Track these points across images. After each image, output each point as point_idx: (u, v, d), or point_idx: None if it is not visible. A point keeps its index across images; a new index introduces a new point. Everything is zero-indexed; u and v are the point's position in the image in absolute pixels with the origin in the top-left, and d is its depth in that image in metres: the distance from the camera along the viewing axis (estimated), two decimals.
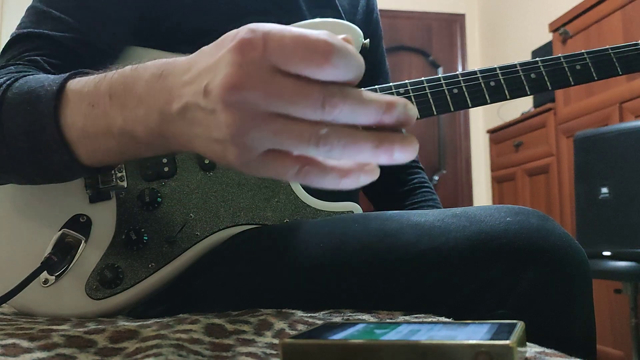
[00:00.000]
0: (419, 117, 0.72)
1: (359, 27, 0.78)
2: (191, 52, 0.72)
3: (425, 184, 0.96)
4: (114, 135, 0.46)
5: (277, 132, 0.34)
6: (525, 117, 3.04)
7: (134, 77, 0.44)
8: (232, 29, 0.82)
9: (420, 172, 0.98)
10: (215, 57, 0.36)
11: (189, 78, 0.38)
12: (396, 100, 0.34)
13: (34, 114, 0.51)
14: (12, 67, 0.60)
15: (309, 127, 0.33)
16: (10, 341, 0.41)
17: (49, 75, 0.55)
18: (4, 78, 0.56)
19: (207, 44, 0.73)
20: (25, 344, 0.41)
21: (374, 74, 0.94)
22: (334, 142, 0.33)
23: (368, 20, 0.93)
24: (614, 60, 0.74)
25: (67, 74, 0.52)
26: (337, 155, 0.34)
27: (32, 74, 0.57)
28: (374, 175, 0.36)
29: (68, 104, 0.50)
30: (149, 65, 0.43)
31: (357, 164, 0.36)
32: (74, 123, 0.49)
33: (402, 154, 0.34)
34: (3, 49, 0.66)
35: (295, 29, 0.33)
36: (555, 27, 2.71)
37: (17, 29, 0.66)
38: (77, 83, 0.50)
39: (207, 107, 0.35)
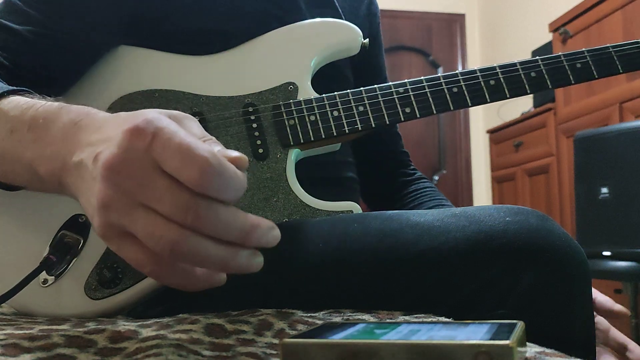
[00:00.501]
0: (418, 116, 0.72)
1: (359, 28, 0.78)
2: (190, 53, 0.72)
3: (427, 180, 0.97)
4: (22, 165, 0.47)
5: (135, 220, 0.35)
6: (525, 117, 3.04)
7: (56, 116, 0.45)
8: (232, 29, 0.82)
9: (417, 171, 0.99)
10: (115, 131, 0.37)
11: (94, 139, 0.40)
12: (260, 224, 0.35)
13: None
14: None
15: (166, 229, 0.34)
16: (10, 341, 0.41)
17: None
18: None
19: (207, 44, 0.73)
20: (25, 344, 0.41)
21: (374, 74, 0.94)
22: (183, 251, 0.34)
23: (369, 23, 0.93)
24: (615, 58, 0.73)
25: (5, 89, 0.53)
26: (181, 263, 0.35)
27: None
28: (219, 285, 0.38)
29: None
30: (72, 110, 0.45)
31: (207, 272, 0.37)
32: None
33: (243, 271, 0.37)
34: None
35: (188, 137, 0.34)
36: (555, 27, 2.72)
37: None
38: (9, 103, 0.51)
39: (92, 173, 0.37)
